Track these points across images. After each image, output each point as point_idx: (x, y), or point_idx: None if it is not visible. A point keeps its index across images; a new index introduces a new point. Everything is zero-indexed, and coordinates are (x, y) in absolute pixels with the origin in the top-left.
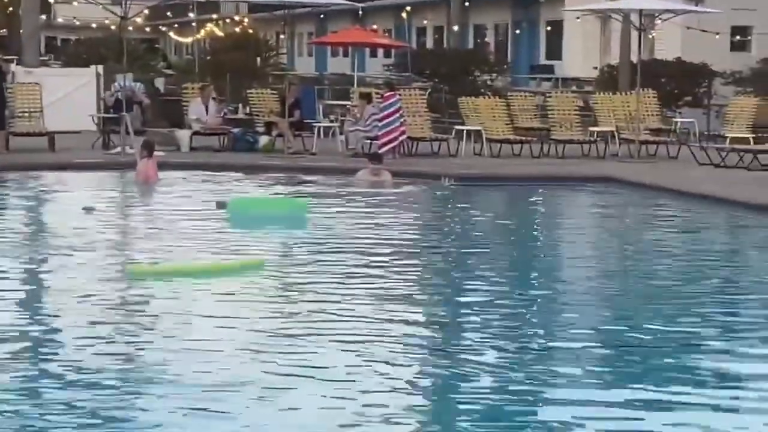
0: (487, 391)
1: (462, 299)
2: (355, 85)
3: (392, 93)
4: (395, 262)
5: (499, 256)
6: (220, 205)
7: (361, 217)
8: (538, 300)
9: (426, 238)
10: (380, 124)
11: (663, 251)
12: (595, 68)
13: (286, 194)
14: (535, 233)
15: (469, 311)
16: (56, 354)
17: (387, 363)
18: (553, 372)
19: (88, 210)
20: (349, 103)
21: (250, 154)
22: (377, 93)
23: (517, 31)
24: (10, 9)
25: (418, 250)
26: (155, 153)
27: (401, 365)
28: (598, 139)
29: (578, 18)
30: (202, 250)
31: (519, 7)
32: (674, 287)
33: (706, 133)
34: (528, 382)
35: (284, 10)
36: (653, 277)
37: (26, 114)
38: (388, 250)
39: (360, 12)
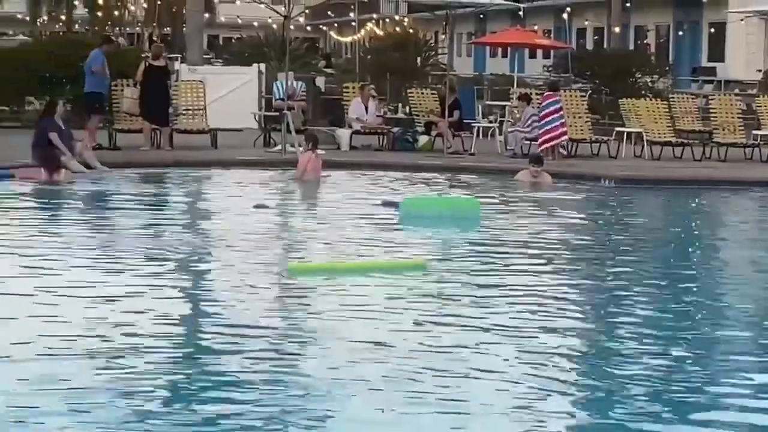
0: (671, 392)
1: (632, 304)
2: (515, 85)
3: (552, 93)
4: (563, 265)
5: (668, 260)
6: (387, 204)
7: (525, 219)
8: (721, 308)
9: (590, 240)
10: (539, 123)
11: None
12: (759, 71)
13: (456, 194)
14: (703, 236)
15: (638, 317)
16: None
17: (543, 365)
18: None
19: (260, 207)
20: (508, 103)
21: (409, 154)
22: (537, 94)
23: (679, 33)
24: (174, 8)
25: (584, 253)
26: (317, 150)
27: (565, 368)
28: (762, 143)
29: (742, 20)
30: (366, 249)
31: (681, 8)
32: None
33: None
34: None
35: (445, 10)
36: None
37: (190, 111)
38: (554, 253)
39: (520, 12)
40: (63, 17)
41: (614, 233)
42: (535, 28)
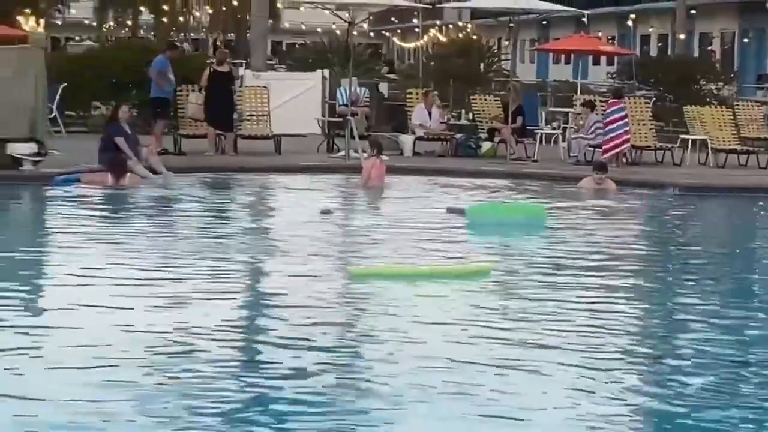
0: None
1: (699, 314)
2: (578, 92)
3: (617, 100)
4: (627, 273)
5: (734, 269)
6: (452, 210)
7: (588, 227)
8: None
9: (654, 249)
10: (604, 130)
11: None
12: None
13: (522, 201)
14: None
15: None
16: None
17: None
18: None
19: (326, 212)
20: (572, 110)
21: (472, 160)
22: (601, 100)
23: (745, 40)
24: (239, 14)
25: (648, 262)
26: (381, 156)
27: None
28: None
29: None
30: (430, 255)
31: (746, 15)
32: None
33: None
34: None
35: (509, 16)
36: None
37: (254, 117)
38: (618, 261)
39: (584, 19)
40: (129, 23)
41: (679, 242)
42: (599, 34)
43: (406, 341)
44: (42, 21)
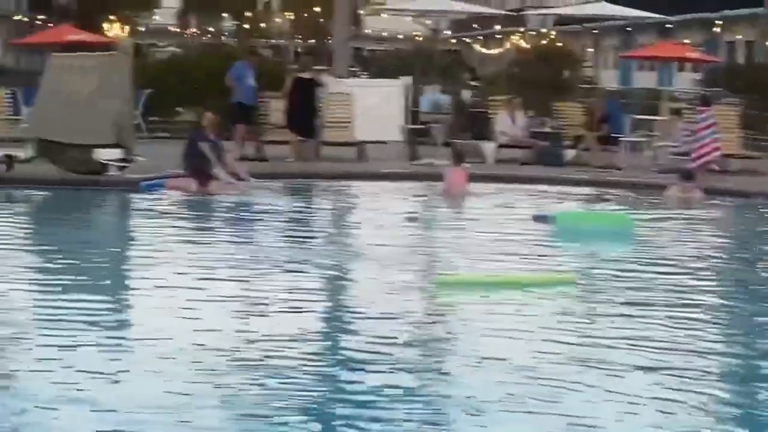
0: None
1: None
2: (664, 99)
3: (704, 108)
4: (714, 284)
5: None
6: (538, 218)
7: (675, 236)
8: None
9: (740, 259)
10: (691, 138)
11: None
12: None
13: (609, 210)
14: None
15: None
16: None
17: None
18: None
19: (413, 220)
20: (657, 117)
21: (556, 168)
22: (687, 108)
23: None
24: (321, 20)
25: (735, 272)
26: (463, 164)
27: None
28: None
29: None
30: (514, 263)
31: None
32: None
33: None
34: None
35: (593, 23)
36: None
37: (336, 124)
38: (705, 272)
39: (669, 25)
40: (211, 29)
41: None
42: (685, 41)
43: (488, 350)
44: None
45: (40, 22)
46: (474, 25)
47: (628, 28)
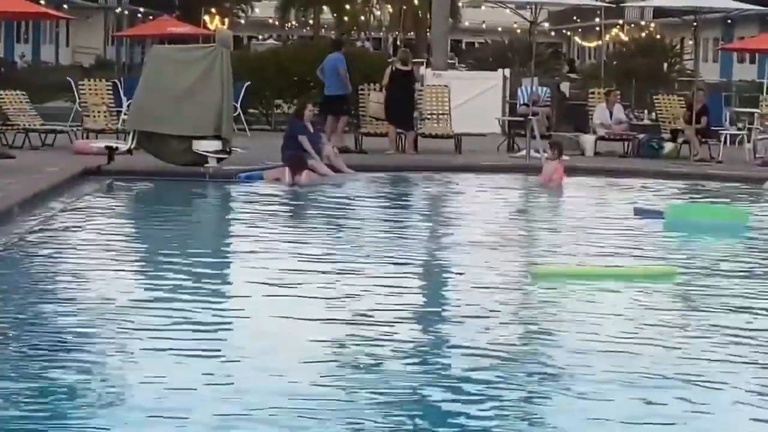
0: None
1: None
2: (764, 92)
3: None
4: None
5: None
6: (640, 211)
7: None
8: None
9: None
10: None
11: None
12: None
13: (723, 203)
14: None
15: None
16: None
17: None
18: None
19: (521, 211)
20: (758, 110)
21: (655, 161)
22: None
23: None
24: (419, 13)
25: None
26: (562, 157)
27: None
28: None
29: None
30: (615, 256)
31: None
32: None
33: None
34: None
35: (693, 15)
36: None
37: (434, 116)
38: None
39: None
40: (311, 21)
41: None
42: None
43: (584, 342)
44: (227, 20)
45: (141, 15)
46: (573, 17)
47: (728, 20)
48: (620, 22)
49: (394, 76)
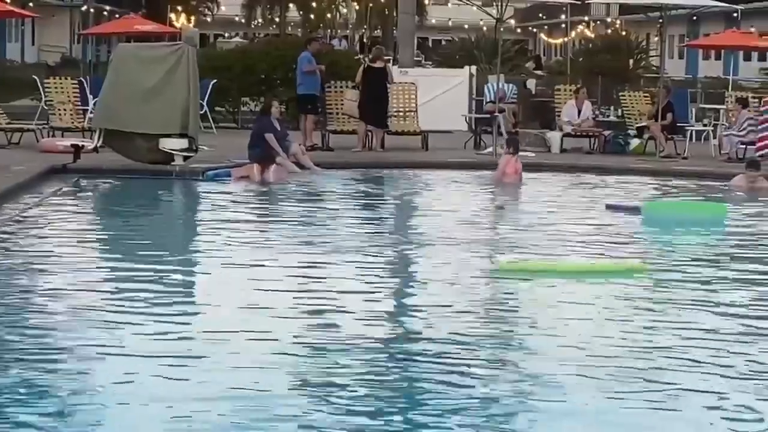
0: None
1: None
2: (730, 89)
3: None
4: None
5: None
6: (611, 207)
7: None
8: None
9: None
10: (756, 127)
11: None
12: None
13: (700, 199)
14: None
15: None
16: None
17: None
18: None
19: (499, 208)
20: (723, 107)
21: (621, 157)
22: (753, 97)
23: None
24: (386, 11)
25: None
26: (521, 153)
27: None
28: None
29: None
30: (583, 251)
31: None
32: None
33: None
34: None
35: (658, 11)
36: None
37: (401, 113)
38: None
39: (735, 14)
40: (277, 19)
41: None
42: (752, 30)
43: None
44: (193, 18)
45: (107, 13)
46: (539, 14)
47: (694, 17)
48: (586, 18)
49: (367, 73)
